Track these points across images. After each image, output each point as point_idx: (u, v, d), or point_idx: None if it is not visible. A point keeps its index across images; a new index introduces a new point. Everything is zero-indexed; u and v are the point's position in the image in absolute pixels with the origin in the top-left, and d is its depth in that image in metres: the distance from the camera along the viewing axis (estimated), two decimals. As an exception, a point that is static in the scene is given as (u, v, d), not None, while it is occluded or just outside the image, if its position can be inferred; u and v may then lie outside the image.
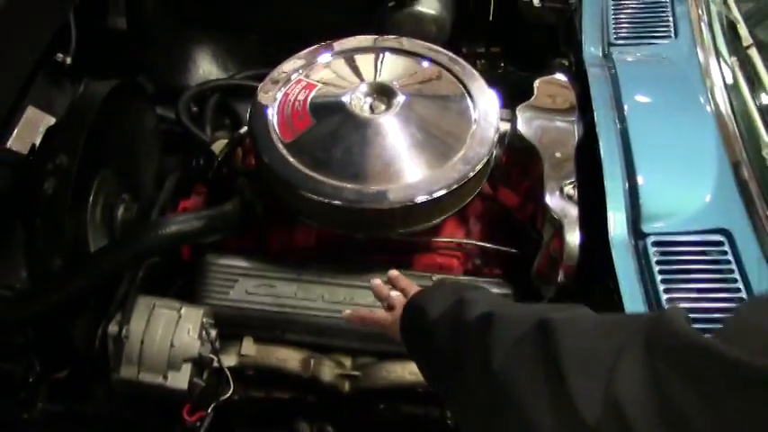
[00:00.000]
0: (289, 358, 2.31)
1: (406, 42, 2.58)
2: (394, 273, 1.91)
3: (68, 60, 2.72)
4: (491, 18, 3.41)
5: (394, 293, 1.86)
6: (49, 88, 2.71)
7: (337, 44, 2.59)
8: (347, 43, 2.59)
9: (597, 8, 2.70)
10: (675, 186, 2.09)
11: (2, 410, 2.39)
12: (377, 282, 1.92)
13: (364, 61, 2.52)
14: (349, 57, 2.54)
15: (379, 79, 2.42)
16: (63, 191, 2.26)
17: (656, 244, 1.95)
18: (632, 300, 1.87)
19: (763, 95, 2.21)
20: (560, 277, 2.07)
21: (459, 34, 3.37)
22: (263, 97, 2.41)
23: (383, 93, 2.36)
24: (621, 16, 2.63)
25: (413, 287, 1.83)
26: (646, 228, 1.99)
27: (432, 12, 3.17)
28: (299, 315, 2.29)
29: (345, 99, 2.32)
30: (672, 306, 1.74)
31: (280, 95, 2.40)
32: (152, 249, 2.30)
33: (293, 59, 2.54)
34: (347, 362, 2.36)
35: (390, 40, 2.61)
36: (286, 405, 2.38)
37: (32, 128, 2.55)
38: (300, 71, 2.48)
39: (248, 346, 2.30)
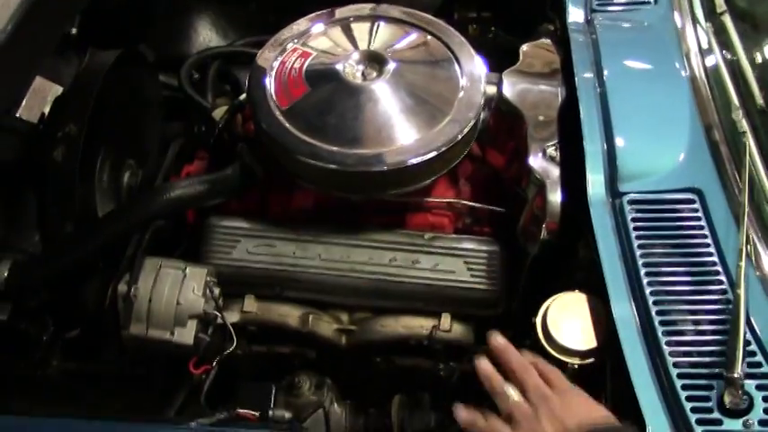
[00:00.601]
0: (288, 314, 2.38)
1: (398, 11, 2.64)
2: (504, 347, 1.93)
3: (74, 31, 2.76)
4: None
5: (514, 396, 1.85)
6: (55, 59, 2.75)
7: (331, 13, 2.65)
8: (341, 12, 2.65)
9: (580, -26, 2.78)
10: (651, 148, 2.18)
11: (18, 369, 2.46)
12: (486, 368, 1.91)
13: (358, 30, 2.58)
14: (343, 25, 2.61)
15: (371, 47, 2.49)
16: (72, 158, 2.35)
17: (631, 202, 2.05)
18: (608, 255, 1.98)
19: (734, 60, 2.30)
20: (543, 234, 2.16)
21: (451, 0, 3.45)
22: (260, 65, 2.48)
23: (375, 60, 2.43)
24: (604, -18, 2.70)
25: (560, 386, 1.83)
26: (622, 187, 2.08)
27: (423, -22, 3.25)
28: (297, 273, 2.36)
29: (339, 67, 2.39)
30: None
31: (276, 63, 2.46)
32: (158, 213, 2.39)
33: (289, 28, 2.60)
34: (344, 317, 2.44)
35: (383, 8, 2.67)
36: (287, 359, 2.46)
37: (41, 97, 2.60)
38: (296, 40, 2.55)
39: (250, 304, 2.37)
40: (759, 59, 2.36)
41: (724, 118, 2.20)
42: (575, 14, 2.65)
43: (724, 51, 2.35)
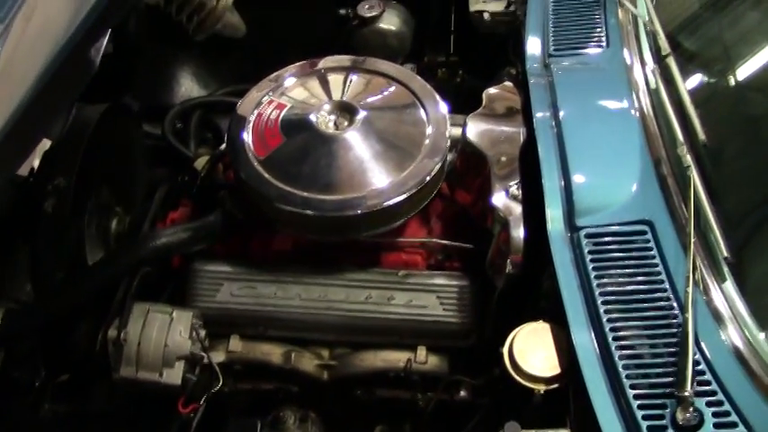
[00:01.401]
0: (272, 352, 2.47)
1: (368, 62, 2.76)
2: None
3: None
4: (452, 30, 3.61)
5: None
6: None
7: (305, 65, 2.76)
8: (314, 64, 2.76)
9: (539, 22, 2.88)
10: (605, 183, 2.30)
11: (11, 413, 2.54)
12: None
13: (330, 81, 2.70)
14: (316, 77, 2.72)
15: (343, 97, 2.60)
16: (62, 210, 2.45)
17: (588, 236, 2.16)
18: (567, 285, 2.09)
19: (678, 98, 2.40)
20: (509, 268, 2.26)
21: (420, 45, 3.56)
22: (239, 117, 2.59)
23: (346, 110, 2.54)
24: (560, 29, 2.81)
25: None
26: (579, 222, 2.20)
27: (393, 28, 3.36)
28: (279, 313, 2.45)
29: (312, 117, 2.51)
30: None
31: (254, 115, 2.57)
32: (145, 260, 2.49)
33: (265, 80, 2.72)
34: (325, 353, 2.52)
35: (354, 59, 2.79)
36: (271, 394, 2.54)
37: None
38: (272, 92, 2.66)
39: (235, 343, 2.46)
40: (700, 98, 2.47)
41: (671, 153, 2.31)
42: (533, 59, 2.76)
43: (670, 90, 2.46)
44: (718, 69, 2.71)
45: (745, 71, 2.60)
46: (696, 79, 2.64)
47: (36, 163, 2.66)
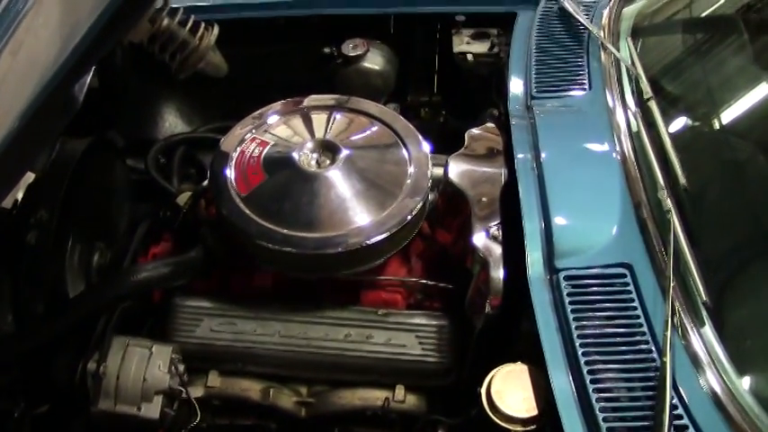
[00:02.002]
0: (250, 388, 2.47)
1: (352, 101, 2.79)
2: None
3: None
4: (436, 70, 3.64)
5: None
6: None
7: (288, 103, 2.79)
8: (297, 103, 2.79)
9: (522, 63, 2.91)
10: (585, 226, 2.31)
11: None
12: None
13: (312, 119, 2.72)
14: (299, 115, 2.74)
15: (325, 136, 2.61)
16: (44, 243, 2.46)
17: (567, 278, 2.16)
18: (546, 328, 2.09)
19: (659, 142, 2.43)
20: (488, 309, 2.27)
21: (404, 85, 3.58)
22: (221, 154, 2.60)
23: (328, 149, 2.56)
24: (543, 71, 2.84)
25: None
26: (558, 264, 2.20)
27: (376, 67, 3.37)
28: (258, 349, 2.45)
29: (294, 155, 2.52)
30: None
31: (237, 152, 2.59)
32: (125, 294, 2.50)
33: (248, 118, 2.74)
34: (303, 390, 2.52)
35: (337, 99, 2.82)
36: (250, 431, 2.54)
37: None
38: (255, 129, 2.68)
39: (214, 379, 2.46)
40: (682, 142, 2.50)
41: (651, 196, 2.33)
42: (516, 101, 2.79)
43: (651, 134, 2.49)
44: (700, 114, 2.74)
45: (726, 116, 2.63)
46: (678, 123, 2.66)
47: (20, 195, 2.65)
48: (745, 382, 1.97)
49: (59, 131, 2.23)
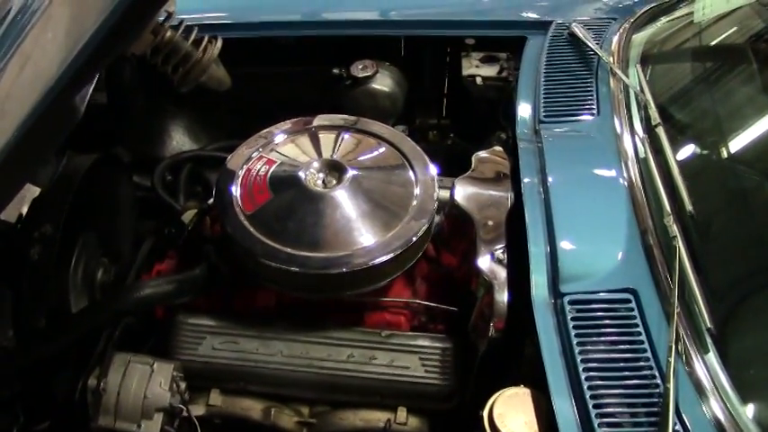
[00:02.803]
0: (252, 408, 2.46)
1: (359, 122, 2.79)
2: None
3: None
4: (445, 93, 3.64)
5: None
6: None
7: (296, 122, 2.79)
8: (305, 122, 2.79)
9: (531, 88, 2.92)
10: (590, 250, 2.31)
11: None
12: None
13: (320, 139, 2.72)
14: (306, 135, 2.74)
15: (333, 156, 2.61)
16: (47, 257, 2.45)
17: (572, 302, 2.16)
18: (549, 352, 2.08)
19: (667, 168, 2.43)
20: (491, 332, 2.26)
21: (412, 108, 3.59)
22: (227, 172, 2.60)
23: (335, 169, 2.56)
24: (551, 96, 2.85)
25: None
26: (563, 288, 2.20)
27: (385, 89, 3.37)
28: (260, 368, 2.44)
29: (300, 175, 2.52)
30: None
31: (243, 170, 2.59)
32: (128, 310, 2.50)
33: (255, 137, 2.74)
34: (305, 410, 2.50)
35: (345, 119, 2.82)
36: (250, 451, 2.52)
37: (19, 198, 2.61)
38: (262, 148, 2.68)
39: (215, 397, 2.45)
40: (689, 169, 2.49)
41: (657, 223, 2.33)
42: (524, 125, 2.79)
43: (658, 160, 2.49)
44: (708, 142, 2.74)
45: (734, 145, 2.64)
46: (686, 151, 2.67)
47: (24, 210, 2.65)
48: (749, 411, 1.96)
49: (60, 142, 2.23)
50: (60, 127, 2.07)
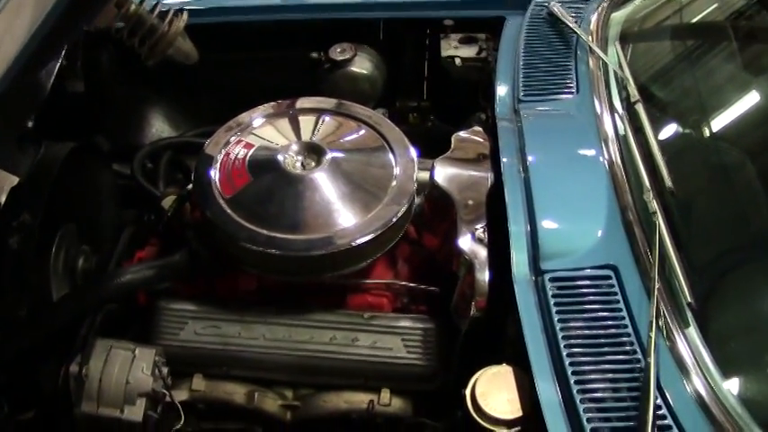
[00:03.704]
0: (235, 392, 2.46)
1: (338, 104, 2.78)
2: None
3: (30, 124, 2.82)
4: (425, 75, 3.64)
5: None
6: (12, 150, 2.80)
7: (275, 106, 2.78)
8: (284, 105, 2.78)
9: (510, 67, 2.92)
10: (570, 228, 2.31)
11: None
12: None
13: (300, 122, 2.71)
14: (285, 118, 2.73)
15: (312, 139, 2.61)
16: (27, 247, 2.44)
17: (552, 280, 2.16)
18: (531, 329, 2.09)
19: (646, 145, 2.43)
20: (473, 311, 2.27)
21: (393, 90, 3.58)
22: (206, 156, 2.59)
23: (314, 151, 2.55)
24: (530, 75, 2.84)
25: None
26: (544, 266, 2.20)
27: (364, 72, 3.37)
28: (242, 352, 2.44)
29: (279, 157, 2.51)
30: None
31: (222, 154, 2.58)
32: (109, 297, 2.49)
33: (234, 120, 2.73)
34: (289, 393, 2.51)
35: (324, 101, 2.81)
36: (235, 435, 2.52)
37: None
38: (241, 131, 2.67)
39: (198, 382, 2.44)
40: (669, 146, 2.50)
41: (637, 199, 2.33)
42: (503, 104, 2.79)
43: (638, 137, 2.49)
44: (689, 119, 2.75)
45: (714, 122, 2.65)
46: (666, 128, 2.69)
47: (3, 199, 2.63)
48: (730, 384, 1.97)
49: (27, 121, 2.22)
50: (26, 104, 2.06)
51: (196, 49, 3.03)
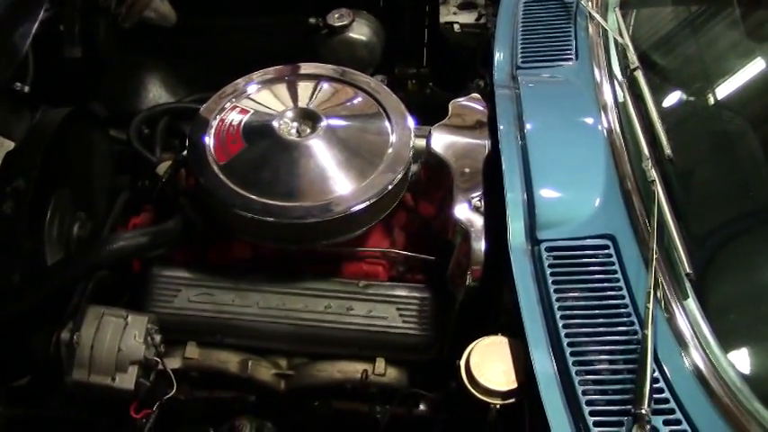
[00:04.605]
0: (228, 360, 2.45)
1: (335, 70, 2.75)
2: None
3: (26, 89, 2.79)
4: (425, 42, 3.61)
5: None
6: (8, 115, 2.80)
7: (271, 71, 2.75)
8: (280, 71, 2.75)
9: (508, 34, 2.89)
10: (568, 197, 2.29)
11: None
12: None
13: (295, 88, 2.69)
14: (281, 84, 2.70)
15: (307, 104, 2.58)
16: (20, 212, 2.42)
17: (549, 249, 2.14)
18: (527, 299, 2.08)
19: (645, 113, 2.40)
20: (469, 281, 2.25)
21: (392, 56, 3.56)
22: (200, 122, 2.57)
23: (309, 117, 2.53)
24: (529, 42, 2.82)
25: None
26: (540, 235, 2.18)
27: (362, 38, 3.36)
28: (236, 320, 2.43)
29: (274, 124, 2.49)
30: None
31: (216, 120, 2.56)
32: (101, 263, 2.46)
33: (231, 85, 2.70)
34: (283, 362, 2.50)
35: (319, 67, 2.78)
36: (228, 403, 2.51)
37: None
38: (236, 97, 2.65)
39: (191, 350, 2.43)
40: (669, 114, 2.47)
41: (636, 168, 2.31)
42: (501, 71, 2.77)
43: (637, 105, 2.46)
44: (689, 87, 2.72)
45: (716, 90, 2.62)
46: (666, 96, 2.66)
47: (-2, 164, 2.62)
48: (729, 357, 1.94)
49: (3, 81, 2.19)
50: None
51: (174, 12, 3.00)
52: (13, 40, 2.05)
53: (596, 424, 1.82)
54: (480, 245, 2.26)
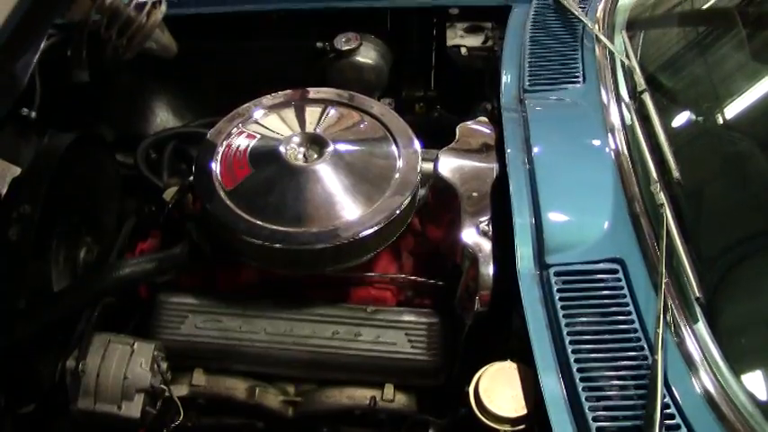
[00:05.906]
0: (236, 387, 2.44)
1: (342, 95, 2.75)
2: None
3: (33, 114, 2.80)
4: (433, 65, 3.61)
5: None
6: (15, 141, 2.81)
7: (279, 96, 2.75)
8: (288, 96, 2.75)
9: (515, 57, 2.88)
10: (576, 221, 2.27)
11: None
12: None
13: (303, 112, 2.68)
14: (288, 108, 2.70)
15: (314, 129, 2.58)
16: (26, 237, 2.41)
17: (557, 274, 2.12)
18: (536, 324, 2.05)
19: (653, 135, 2.39)
20: (477, 305, 2.23)
21: (399, 79, 3.55)
22: (207, 147, 2.57)
23: (316, 142, 2.52)
24: (536, 65, 2.81)
25: None
26: (549, 259, 2.16)
27: (369, 61, 3.35)
28: (244, 347, 2.42)
29: (281, 149, 2.48)
30: None
31: (223, 146, 2.56)
32: (107, 290, 2.46)
33: (236, 111, 2.70)
34: (290, 389, 2.48)
35: (327, 92, 2.78)
36: (236, 430, 2.51)
37: None
38: (243, 122, 2.65)
39: (198, 377, 2.42)
40: (677, 136, 2.46)
41: (644, 191, 2.29)
42: (509, 94, 2.76)
43: (645, 127, 2.45)
44: (696, 108, 2.70)
45: (723, 111, 2.60)
46: (673, 118, 2.63)
47: (3, 190, 2.61)
48: (739, 380, 1.92)
49: (2, 114, 2.19)
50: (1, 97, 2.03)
51: (175, 42, 3.00)
52: (14, 71, 2.05)
53: (607, 450, 1.79)
54: (488, 269, 2.24)
